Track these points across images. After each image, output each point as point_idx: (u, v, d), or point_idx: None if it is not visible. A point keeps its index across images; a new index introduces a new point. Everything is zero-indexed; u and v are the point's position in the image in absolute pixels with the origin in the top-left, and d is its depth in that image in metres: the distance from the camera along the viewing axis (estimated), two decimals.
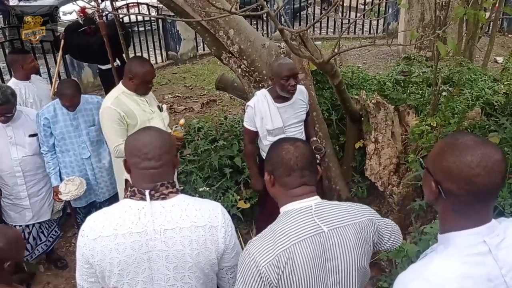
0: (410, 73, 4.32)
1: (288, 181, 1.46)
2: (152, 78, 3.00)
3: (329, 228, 1.41)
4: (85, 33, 4.87)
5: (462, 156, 1.07)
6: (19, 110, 3.18)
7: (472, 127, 3.06)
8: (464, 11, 2.64)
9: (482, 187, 1.05)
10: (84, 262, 1.49)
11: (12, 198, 3.27)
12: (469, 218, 1.10)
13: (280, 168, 1.47)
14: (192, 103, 6.79)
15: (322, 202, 1.48)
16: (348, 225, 1.44)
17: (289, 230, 1.38)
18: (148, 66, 2.94)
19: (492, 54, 5.66)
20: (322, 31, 10.77)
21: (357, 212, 1.51)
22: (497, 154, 1.07)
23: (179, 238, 1.44)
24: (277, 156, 1.49)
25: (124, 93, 2.95)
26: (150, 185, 1.46)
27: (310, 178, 1.48)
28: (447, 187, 1.10)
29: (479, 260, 1.07)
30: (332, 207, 1.47)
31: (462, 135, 1.13)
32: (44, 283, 3.50)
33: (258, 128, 3.03)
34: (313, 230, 1.39)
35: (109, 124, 2.89)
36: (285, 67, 2.85)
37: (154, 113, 3.08)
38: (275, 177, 1.49)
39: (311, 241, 1.38)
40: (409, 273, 1.14)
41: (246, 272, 1.37)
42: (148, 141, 1.48)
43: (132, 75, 2.90)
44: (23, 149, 3.19)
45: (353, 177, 3.96)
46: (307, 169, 1.46)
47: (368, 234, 1.48)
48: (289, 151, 1.47)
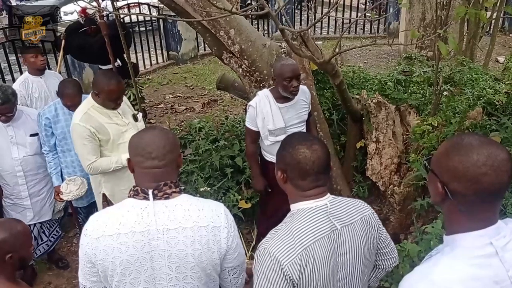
0: (411, 72, 4.32)
1: (302, 184, 1.46)
2: (120, 95, 2.79)
3: (341, 225, 1.45)
4: (86, 33, 4.87)
5: (468, 156, 1.06)
6: (20, 110, 3.19)
7: (474, 126, 3.06)
8: (465, 10, 2.64)
9: (489, 186, 1.05)
10: (86, 261, 1.49)
11: (13, 198, 3.28)
12: (476, 219, 1.09)
13: (294, 171, 1.46)
14: (193, 103, 6.79)
15: (334, 200, 1.51)
16: (356, 221, 1.49)
17: (308, 229, 1.40)
18: (114, 82, 2.71)
19: (493, 53, 5.66)
20: (323, 30, 10.77)
21: (362, 207, 1.56)
22: (503, 153, 1.07)
23: (182, 238, 1.44)
24: (292, 158, 1.46)
25: (93, 107, 2.77)
26: (153, 185, 1.46)
27: (325, 181, 1.50)
28: (454, 187, 1.09)
29: (486, 262, 1.06)
30: (342, 204, 1.51)
31: (467, 135, 1.13)
32: (46, 283, 3.51)
33: (259, 128, 3.02)
34: (329, 228, 1.43)
35: (79, 142, 2.73)
36: (287, 68, 2.83)
37: (128, 125, 2.90)
38: (288, 176, 1.49)
39: (328, 239, 1.41)
40: (415, 274, 1.13)
41: (269, 272, 1.35)
42: (152, 140, 1.48)
43: (97, 91, 2.73)
44: (24, 149, 3.20)
45: (354, 177, 3.96)
46: (322, 173, 1.47)
47: (373, 226, 1.54)
48: (305, 156, 1.44)
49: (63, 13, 11.97)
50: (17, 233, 1.78)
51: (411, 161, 3.13)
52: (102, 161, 2.80)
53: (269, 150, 3.09)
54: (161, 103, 6.86)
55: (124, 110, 2.94)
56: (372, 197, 3.94)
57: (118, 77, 2.84)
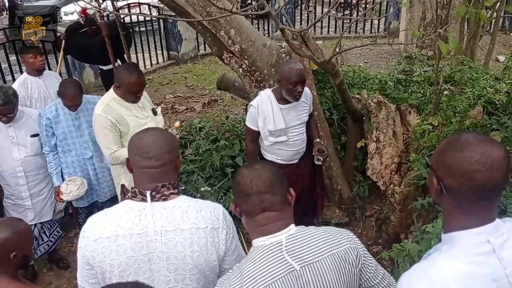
0: (412, 72, 4.32)
1: (247, 209, 1.32)
2: (140, 88, 2.87)
3: (302, 264, 1.26)
4: (86, 34, 4.88)
5: (462, 153, 1.07)
6: (20, 110, 3.19)
7: (474, 126, 3.05)
8: (465, 9, 2.64)
9: (483, 184, 1.05)
10: (85, 263, 1.48)
11: (14, 198, 3.28)
12: (473, 217, 1.10)
13: (238, 195, 1.34)
14: (193, 103, 6.79)
15: (295, 234, 1.31)
16: (325, 258, 1.28)
17: (257, 273, 1.24)
18: (135, 76, 2.78)
19: (493, 52, 5.66)
20: (323, 30, 10.77)
21: (337, 239, 1.33)
22: (499, 151, 1.07)
23: (180, 240, 1.44)
24: (234, 183, 1.36)
25: (115, 99, 2.87)
26: (151, 186, 1.46)
27: (272, 203, 1.30)
28: (448, 183, 1.10)
29: (483, 260, 1.07)
30: (306, 239, 1.31)
31: (467, 133, 1.14)
32: (46, 283, 3.51)
33: (260, 128, 3.02)
34: (284, 269, 1.25)
35: (101, 132, 2.83)
36: (295, 72, 2.80)
37: (147, 118, 3.00)
38: (239, 206, 1.35)
39: (282, 282, 1.24)
40: (413, 272, 1.14)
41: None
42: (150, 140, 1.48)
43: (119, 84, 2.82)
44: (25, 149, 3.20)
45: (354, 176, 3.96)
46: (265, 192, 1.29)
47: (350, 262, 1.31)
48: (243, 175, 1.33)
49: (64, 13, 11.95)
50: (21, 231, 1.79)
51: (412, 160, 3.13)
52: (123, 151, 2.84)
53: (270, 150, 3.09)
54: (162, 103, 6.86)
55: (144, 104, 3.03)
56: (372, 197, 3.95)
57: (139, 71, 2.92)
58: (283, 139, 3.03)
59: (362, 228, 3.75)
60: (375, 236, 3.59)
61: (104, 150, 2.89)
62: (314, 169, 3.33)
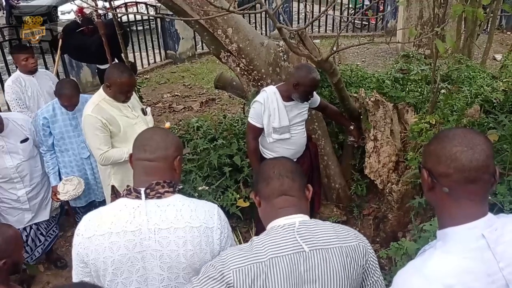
0: (409, 71, 4.32)
1: (267, 192, 1.41)
2: (131, 88, 2.86)
3: (311, 248, 1.30)
4: (83, 33, 4.86)
5: (449, 141, 1.13)
6: (5, 117, 3.10)
7: (471, 124, 3.06)
8: (462, 8, 2.63)
9: (468, 163, 1.09)
10: (79, 261, 1.48)
11: (12, 202, 3.23)
12: (464, 206, 1.11)
13: (260, 181, 1.44)
14: (191, 102, 6.79)
15: (308, 221, 1.38)
16: (334, 248, 1.33)
17: (268, 244, 1.31)
18: (126, 75, 2.78)
19: (490, 51, 5.66)
20: (321, 29, 10.77)
21: (347, 235, 1.38)
22: (482, 137, 1.12)
23: (174, 238, 1.44)
24: (258, 173, 1.50)
25: (105, 99, 2.84)
26: (145, 181, 1.47)
27: (291, 187, 1.40)
28: (436, 170, 1.14)
29: (478, 255, 1.07)
30: (318, 227, 1.36)
31: (454, 128, 1.20)
32: (44, 283, 3.50)
33: (264, 125, 3.03)
34: (293, 248, 1.30)
35: (92, 132, 2.80)
36: (314, 81, 2.91)
37: (137, 118, 2.98)
38: (259, 194, 1.45)
39: (289, 258, 1.29)
40: (409, 269, 1.14)
41: (209, 270, 1.30)
42: (150, 136, 1.55)
43: (109, 83, 2.79)
44: (18, 156, 3.15)
45: (352, 175, 3.96)
46: (286, 175, 1.40)
47: (356, 260, 1.34)
48: (268, 164, 1.48)
49: (61, 13, 11.91)
50: (9, 238, 1.77)
51: (409, 159, 3.13)
52: (113, 151, 2.85)
53: (271, 148, 3.10)
54: (159, 102, 6.85)
55: (133, 104, 3.03)
56: (370, 195, 3.95)
57: (130, 71, 2.92)
58: (286, 137, 3.06)
59: (360, 227, 3.76)
60: (372, 234, 3.60)
61: (95, 151, 2.86)
62: (312, 167, 3.33)
